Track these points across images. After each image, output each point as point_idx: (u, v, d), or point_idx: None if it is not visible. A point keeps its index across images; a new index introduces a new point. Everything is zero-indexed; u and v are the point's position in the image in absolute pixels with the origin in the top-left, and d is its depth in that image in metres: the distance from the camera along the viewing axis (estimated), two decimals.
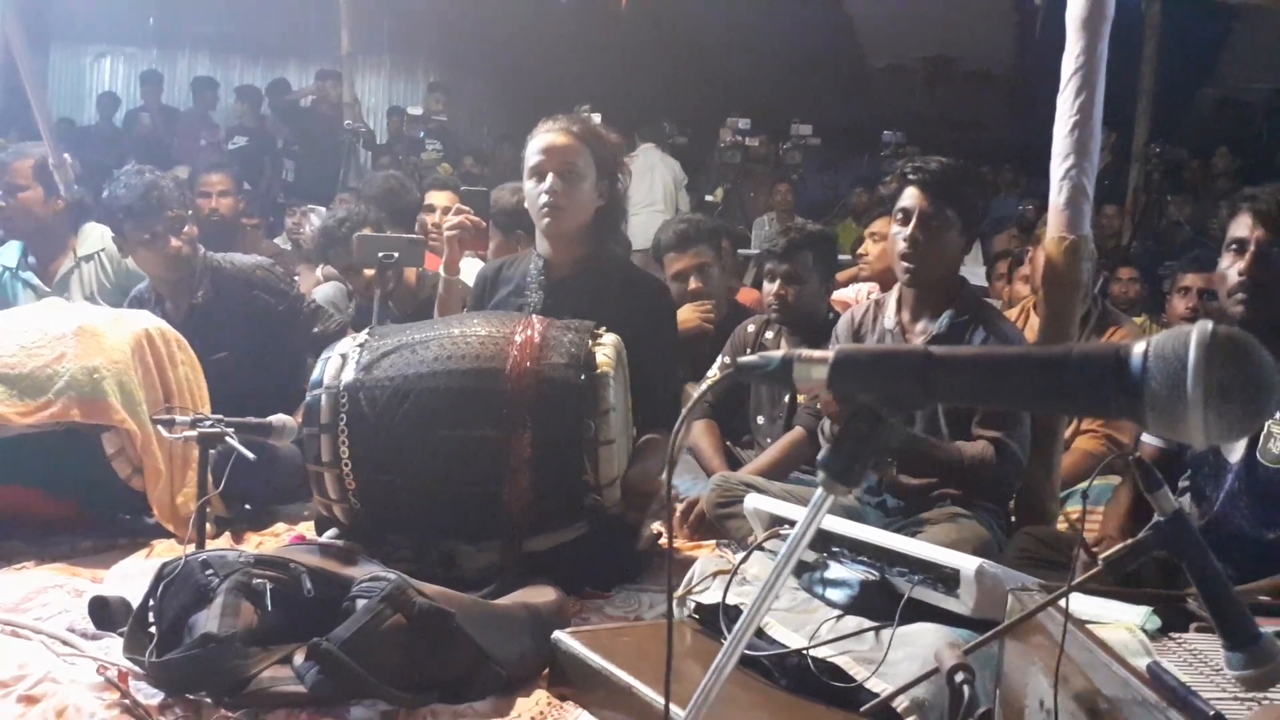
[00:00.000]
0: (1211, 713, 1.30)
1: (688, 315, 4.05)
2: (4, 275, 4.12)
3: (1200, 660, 1.61)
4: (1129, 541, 1.40)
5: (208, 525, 2.80)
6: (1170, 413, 1.05)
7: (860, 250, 4.91)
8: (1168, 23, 8.04)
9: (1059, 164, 2.90)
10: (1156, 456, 2.55)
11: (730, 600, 2.25)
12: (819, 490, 1.19)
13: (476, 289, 3.36)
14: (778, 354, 1.21)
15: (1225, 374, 1.04)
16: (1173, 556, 1.36)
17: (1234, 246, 2.39)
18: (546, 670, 2.30)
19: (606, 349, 2.79)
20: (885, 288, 4.47)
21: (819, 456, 1.22)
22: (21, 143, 3.98)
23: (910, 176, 2.93)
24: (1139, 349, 1.08)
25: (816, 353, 1.19)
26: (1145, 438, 2.66)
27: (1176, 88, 9.41)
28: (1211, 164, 8.93)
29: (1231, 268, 2.38)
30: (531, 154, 3.12)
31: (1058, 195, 2.91)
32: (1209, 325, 1.07)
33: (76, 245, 4.15)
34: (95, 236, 4.13)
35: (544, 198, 3.07)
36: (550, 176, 3.07)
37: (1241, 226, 2.38)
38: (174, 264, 3.60)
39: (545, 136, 3.12)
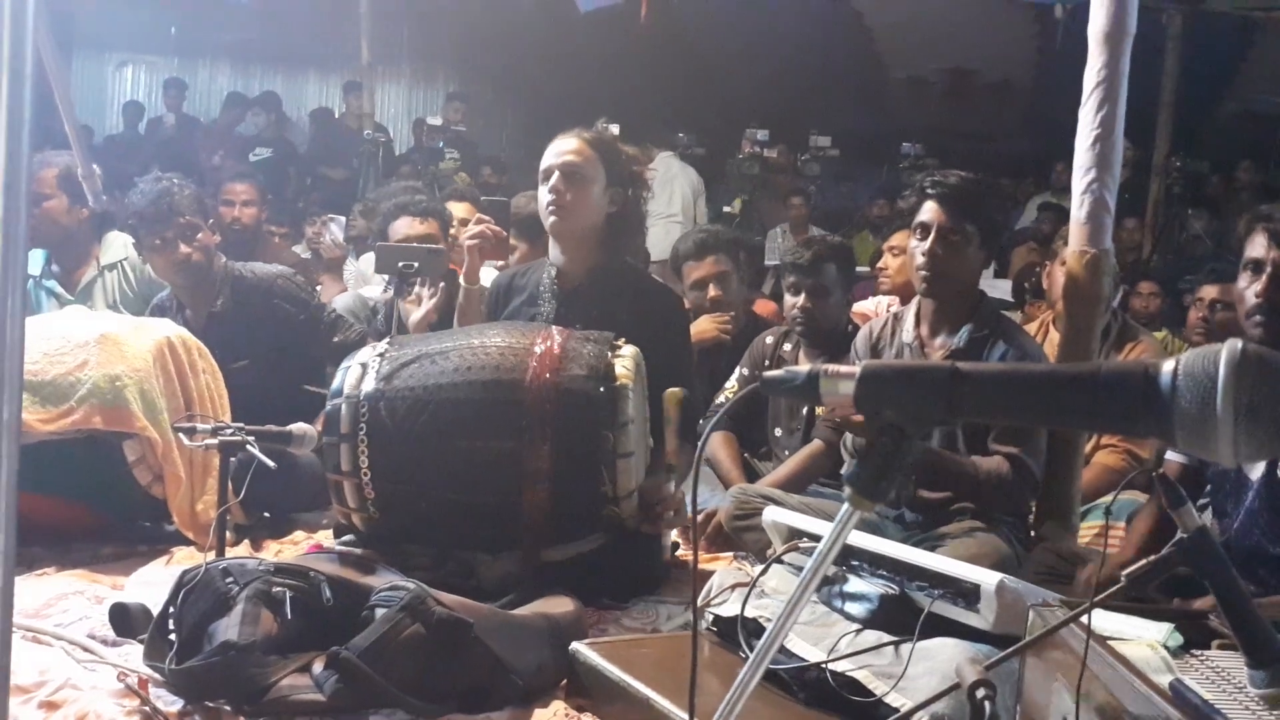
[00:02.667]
0: None
1: (705, 326, 4.04)
2: (27, 284, 4.14)
3: (1223, 678, 1.60)
4: (1152, 557, 1.39)
5: (227, 533, 2.81)
6: (1200, 431, 1.05)
7: (880, 264, 4.90)
8: (1188, 36, 8.01)
9: (1080, 177, 2.89)
10: (1179, 473, 2.53)
11: (749, 613, 2.25)
12: (845, 505, 1.19)
13: (490, 298, 3.38)
14: (804, 369, 1.21)
15: (1255, 393, 1.04)
16: (1196, 573, 1.35)
17: (1250, 267, 2.35)
18: (564, 681, 2.30)
19: (626, 361, 2.80)
20: (905, 301, 4.47)
21: (845, 471, 1.22)
22: (45, 151, 3.99)
23: (929, 191, 2.93)
24: (1168, 367, 1.07)
25: (844, 368, 1.19)
26: (1168, 455, 2.65)
27: (1197, 101, 9.37)
28: (1235, 178, 8.88)
29: (1249, 289, 2.34)
30: (544, 161, 3.20)
31: (1079, 209, 2.90)
32: (1239, 344, 1.06)
33: (100, 254, 4.17)
34: (118, 245, 4.15)
35: (549, 196, 3.13)
36: (556, 175, 3.12)
37: (1257, 247, 2.34)
38: (183, 271, 3.61)
39: (556, 143, 3.21)
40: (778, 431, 3.74)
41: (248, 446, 2.72)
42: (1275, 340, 2.29)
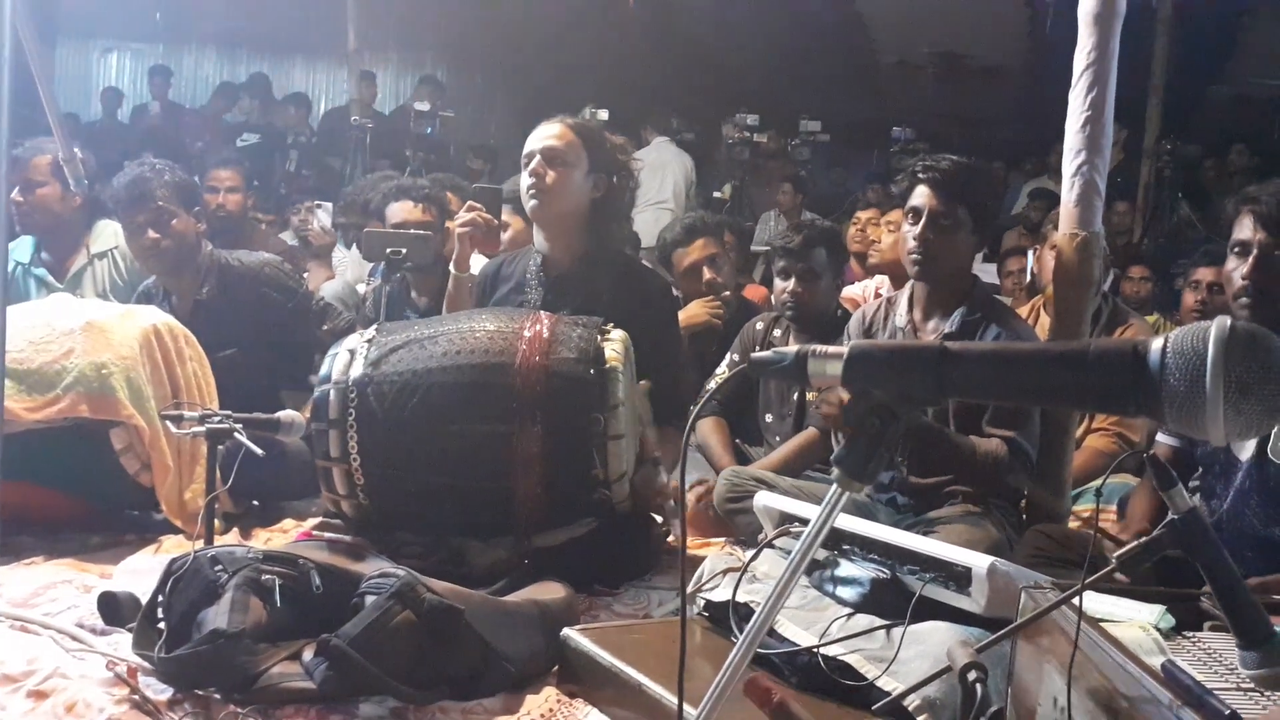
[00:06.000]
0: (1227, 711, 1.29)
1: (696, 311, 4.04)
2: (16, 271, 4.11)
3: (1215, 659, 1.60)
4: (1143, 539, 1.39)
5: (216, 521, 2.79)
6: (1189, 409, 1.04)
7: (873, 238, 4.89)
8: (1179, 18, 8.00)
9: (1071, 160, 2.88)
10: (1170, 455, 2.53)
11: (740, 598, 2.25)
12: (834, 487, 1.18)
13: (477, 287, 3.37)
14: (792, 349, 1.21)
15: (1244, 370, 1.03)
16: (1187, 554, 1.34)
17: (1237, 249, 2.36)
18: (556, 667, 2.30)
19: (615, 344, 2.80)
20: (895, 279, 4.47)
21: (834, 454, 1.21)
22: (38, 139, 3.96)
23: (920, 175, 2.93)
24: (1157, 345, 1.07)
25: (831, 348, 1.18)
26: (1159, 437, 2.65)
27: (1188, 84, 9.36)
28: (1227, 161, 8.87)
29: (1235, 271, 2.35)
30: (525, 146, 3.21)
31: (1069, 192, 2.89)
32: (1227, 321, 1.06)
33: (90, 242, 4.14)
34: (109, 234, 4.12)
35: (528, 180, 3.14)
36: (536, 159, 3.14)
37: (1243, 228, 2.35)
38: (152, 256, 3.59)
39: (539, 129, 3.22)
40: (768, 417, 3.74)
41: (235, 434, 2.71)
42: (1263, 323, 2.29)
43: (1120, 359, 1.08)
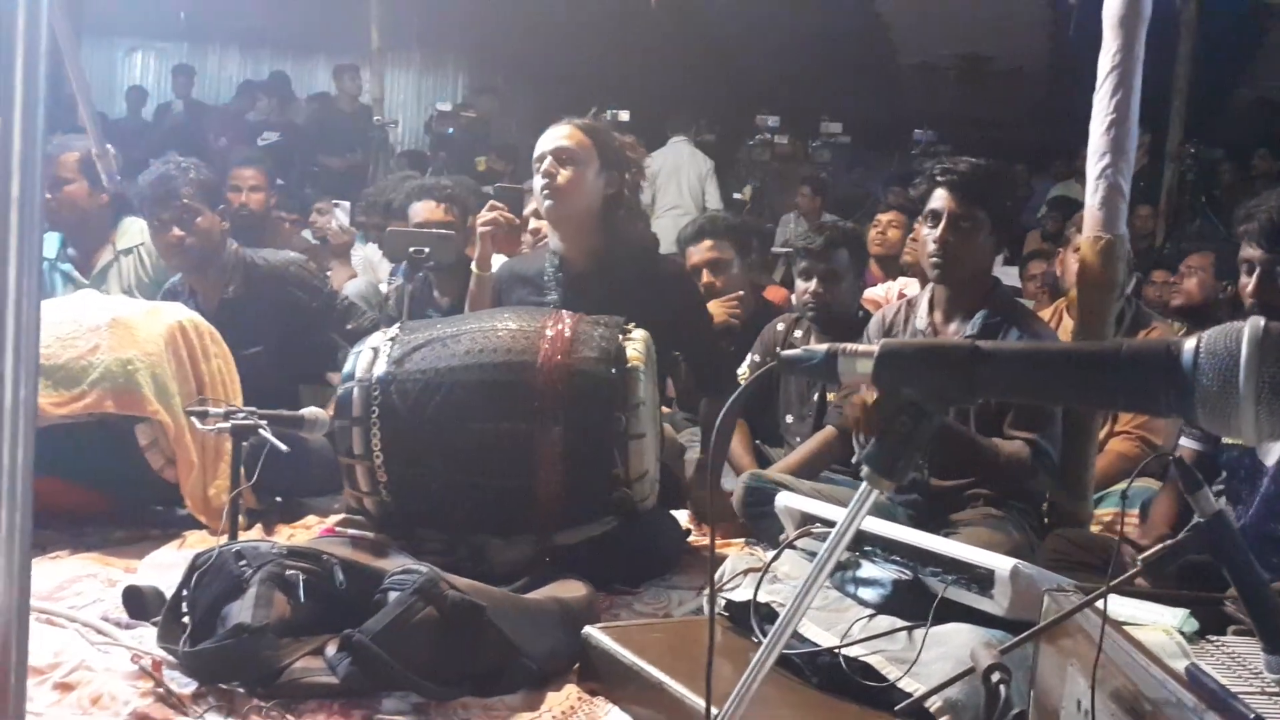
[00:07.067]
0: (1252, 716, 1.28)
1: (713, 310, 4.03)
2: (43, 266, 4.13)
3: (1239, 663, 1.59)
4: (1168, 542, 1.39)
5: (239, 517, 2.81)
6: (1221, 409, 1.04)
7: (912, 235, 4.90)
8: (1203, 22, 7.96)
9: (1095, 163, 2.88)
10: (1193, 459, 2.53)
11: (761, 598, 2.24)
12: (863, 485, 1.18)
13: (493, 289, 3.38)
14: (822, 348, 1.21)
15: (1277, 370, 1.03)
16: (1213, 558, 1.34)
17: (1244, 266, 2.41)
18: (577, 665, 2.30)
19: (636, 343, 2.80)
20: (924, 280, 4.47)
21: (864, 453, 1.21)
22: (66, 135, 3.99)
23: (939, 178, 2.92)
24: (1190, 345, 1.07)
25: (861, 346, 1.19)
26: (1182, 441, 2.64)
27: (1212, 88, 9.31)
28: (1251, 165, 8.82)
29: (1245, 288, 2.41)
30: (537, 149, 3.23)
31: (1094, 194, 2.88)
32: (1261, 321, 1.06)
33: (116, 239, 4.17)
34: (135, 230, 4.15)
35: (541, 181, 3.16)
36: (548, 160, 3.16)
37: (1244, 246, 2.40)
38: (176, 254, 3.62)
39: (549, 131, 3.24)
40: (789, 418, 3.74)
41: (260, 430, 2.72)
42: None
43: (1153, 358, 1.08)
